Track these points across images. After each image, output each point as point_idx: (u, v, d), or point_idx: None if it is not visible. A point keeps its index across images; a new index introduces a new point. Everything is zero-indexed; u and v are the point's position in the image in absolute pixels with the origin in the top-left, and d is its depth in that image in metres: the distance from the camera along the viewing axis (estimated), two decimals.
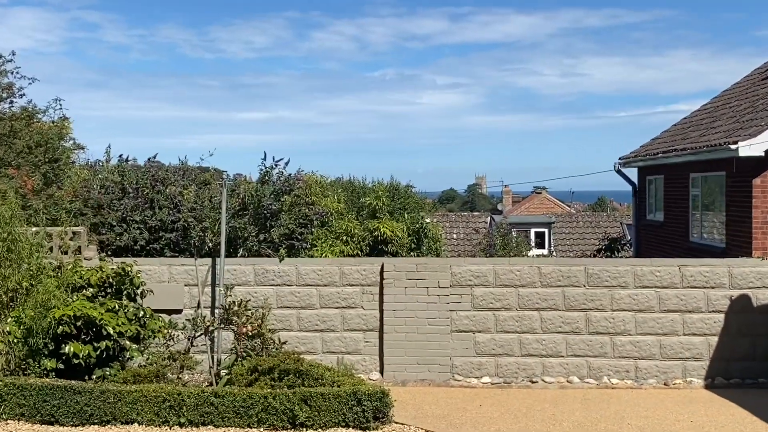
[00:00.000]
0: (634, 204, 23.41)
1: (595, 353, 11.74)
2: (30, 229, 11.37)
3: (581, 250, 37.89)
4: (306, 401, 8.87)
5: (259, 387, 9.26)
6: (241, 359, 10.33)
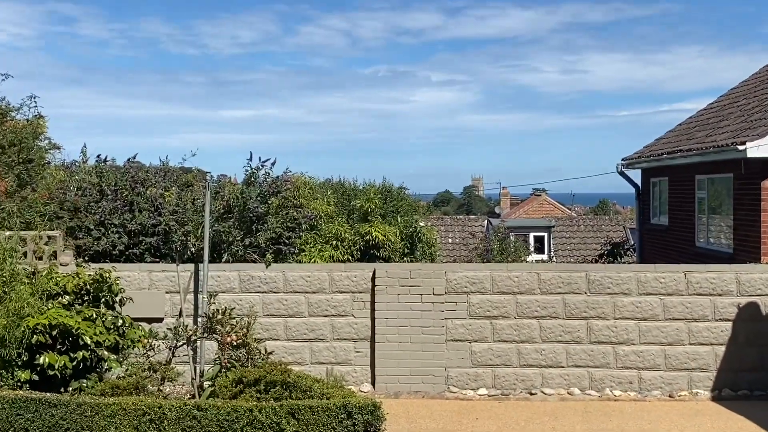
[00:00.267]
0: (637, 207, 23.51)
1: (597, 364, 11.78)
2: (3, 233, 11.33)
3: (582, 255, 38.02)
4: (293, 414, 8.86)
5: (244, 399, 9.24)
6: (225, 370, 10.31)
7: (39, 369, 9.79)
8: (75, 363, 9.85)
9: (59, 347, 9.88)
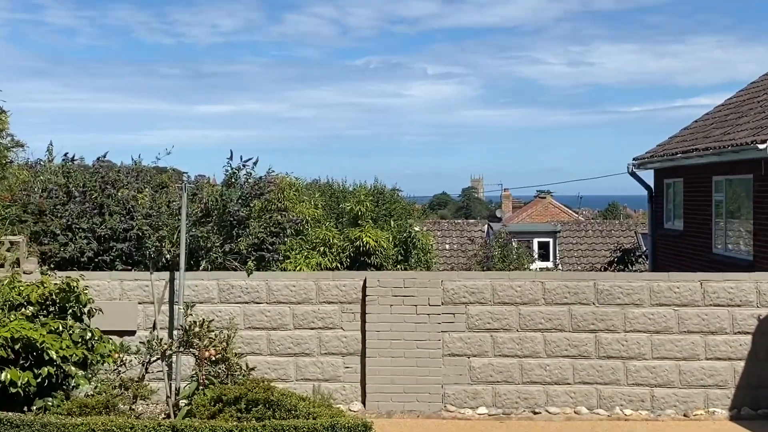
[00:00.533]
0: (650, 210, 23.56)
1: (606, 380, 11.78)
2: None
3: (590, 262, 38.09)
4: None
5: (224, 419, 9.21)
6: (203, 387, 10.28)
7: (0, 386, 9.73)
8: (39, 380, 9.81)
9: (22, 362, 9.83)
